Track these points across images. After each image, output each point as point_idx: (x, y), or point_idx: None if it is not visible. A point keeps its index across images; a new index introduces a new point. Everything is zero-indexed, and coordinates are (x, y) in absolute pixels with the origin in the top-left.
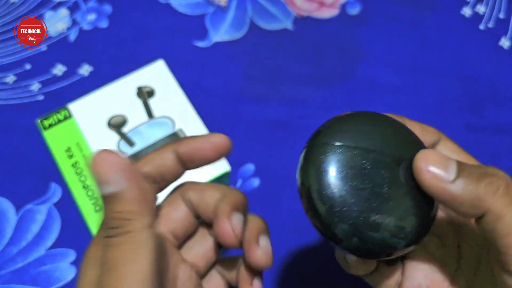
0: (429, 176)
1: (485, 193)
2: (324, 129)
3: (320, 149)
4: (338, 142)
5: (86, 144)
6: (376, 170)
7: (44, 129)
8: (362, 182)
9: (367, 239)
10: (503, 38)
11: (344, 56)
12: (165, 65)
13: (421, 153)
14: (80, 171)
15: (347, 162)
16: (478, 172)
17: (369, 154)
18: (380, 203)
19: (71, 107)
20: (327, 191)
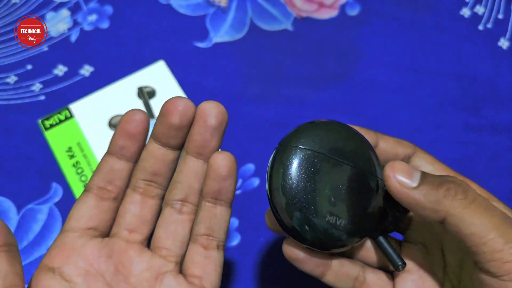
0: (396, 182)
1: (444, 198)
2: (293, 133)
3: (287, 151)
4: (302, 146)
5: (87, 144)
6: (332, 173)
7: (45, 129)
8: (319, 181)
9: (319, 230)
10: (502, 39)
11: (344, 57)
12: (165, 65)
13: (390, 163)
14: (81, 171)
15: (308, 164)
16: (438, 180)
17: (329, 159)
18: (331, 198)
19: (72, 107)
20: (289, 186)
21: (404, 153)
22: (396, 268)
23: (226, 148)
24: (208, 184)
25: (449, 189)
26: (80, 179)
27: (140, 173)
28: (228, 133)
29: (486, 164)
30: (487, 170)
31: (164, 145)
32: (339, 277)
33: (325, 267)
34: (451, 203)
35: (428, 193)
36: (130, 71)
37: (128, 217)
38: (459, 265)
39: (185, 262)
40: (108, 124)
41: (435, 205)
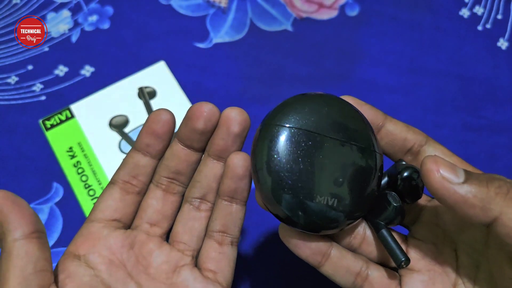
0: (439, 178)
1: (496, 196)
2: (278, 110)
3: (271, 130)
4: (288, 124)
5: (88, 144)
6: (321, 151)
7: (46, 130)
8: (307, 161)
9: (309, 211)
10: (501, 39)
11: (343, 57)
12: (166, 66)
13: (430, 157)
14: (82, 171)
15: (294, 143)
16: (485, 176)
17: (316, 136)
18: (322, 179)
19: (73, 107)
20: (274, 166)
21: (414, 140)
22: (399, 265)
23: None
24: (225, 183)
25: (501, 186)
26: (81, 179)
27: (164, 171)
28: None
29: (485, 163)
30: (486, 170)
31: (188, 146)
32: (338, 269)
33: (323, 257)
34: (505, 202)
35: (478, 190)
36: (131, 71)
37: (150, 211)
38: (475, 266)
39: (200, 256)
40: (109, 124)
41: (485, 204)
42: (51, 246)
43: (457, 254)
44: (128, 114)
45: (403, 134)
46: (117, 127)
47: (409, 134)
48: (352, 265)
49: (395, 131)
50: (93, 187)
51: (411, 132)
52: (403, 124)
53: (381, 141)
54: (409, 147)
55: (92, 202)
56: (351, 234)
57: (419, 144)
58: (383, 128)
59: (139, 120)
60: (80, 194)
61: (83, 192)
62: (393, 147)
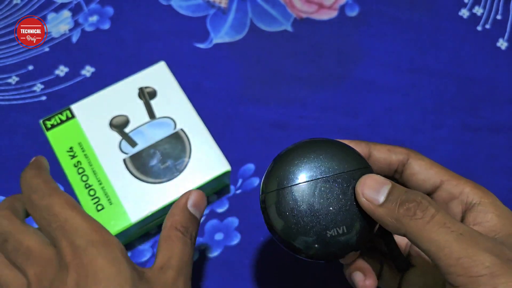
0: (363, 199)
1: (403, 217)
2: (272, 174)
3: (273, 196)
4: (284, 185)
5: (88, 144)
6: (319, 192)
7: (47, 130)
8: (311, 205)
9: (325, 245)
10: (500, 39)
11: (343, 57)
12: (166, 66)
13: (361, 179)
14: (82, 171)
15: (296, 198)
16: (402, 197)
17: (323, 181)
18: (328, 214)
19: (73, 107)
20: (287, 211)
21: (397, 160)
22: (401, 270)
23: (226, 148)
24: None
25: (409, 208)
26: (81, 179)
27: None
28: (229, 133)
29: (484, 164)
30: (485, 170)
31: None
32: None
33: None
34: (409, 223)
35: (390, 212)
36: (131, 71)
37: None
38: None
39: None
40: (109, 125)
41: (395, 223)
42: None
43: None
44: (129, 114)
45: (387, 158)
46: (117, 127)
47: (393, 156)
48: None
49: (380, 157)
50: (93, 187)
51: (392, 154)
52: (386, 148)
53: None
54: (394, 169)
55: (93, 202)
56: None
57: (402, 163)
58: (370, 158)
59: (139, 120)
60: (80, 194)
61: (84, 192)
62: (382, 172)
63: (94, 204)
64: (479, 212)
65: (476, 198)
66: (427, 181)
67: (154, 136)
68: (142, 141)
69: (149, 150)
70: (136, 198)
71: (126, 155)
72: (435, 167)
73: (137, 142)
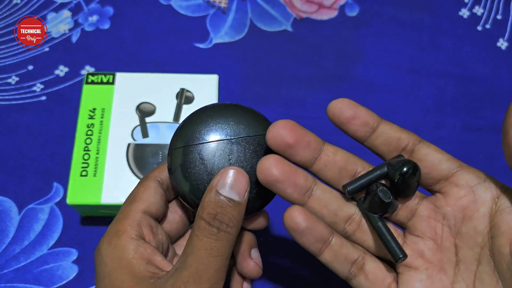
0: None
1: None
2: (178, 133)
3: (178, 153)
4: (203, 140)
5: (110, 114)
6: (234, 153)
7: (86, 83)
8: (206, 164)
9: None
10: (500, 39)
11: (343, 57)
12: (217, 81)
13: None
14: (90, 133)
15: (209, 151)
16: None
17: (230, 142)
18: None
19: (117, 75)
20: (192, 168)
21: (408, 139)
22: (396, 260)
23: None
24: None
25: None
26: (85, 141)
27: None
28: None
29: (484, 164)
30: (486, 170)
31: None
32: (338, 257)
33: (324, 244)
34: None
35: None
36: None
37: None
38: (477, 260)
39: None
40: (136, 106)
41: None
42: (51, 246)
43: (457, 249)
44: (158, 106)
45: (397, 134)
46: (142, 112)
47: (403, 134)
48: (351, 253)
49: (389, 131)
50: (90, 153)
51: (405, 132)
52: (397, 126)
53: (376, 140)
54: (403, 146)
55: (81, 165)
56: (346, 221)
57: (413, 143)
58: (378, 128)
59: (163, 117)
60: (76, 153)
61: (80, 152)
62: (387, 146)
63: (82, 168)
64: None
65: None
66: (443, 163)
67: (167, 138)
68: (154, 137)
69: (154, 148)
70: (117, 184)
71: (133, 142)
72: (446, 155)
73: (149, 135)
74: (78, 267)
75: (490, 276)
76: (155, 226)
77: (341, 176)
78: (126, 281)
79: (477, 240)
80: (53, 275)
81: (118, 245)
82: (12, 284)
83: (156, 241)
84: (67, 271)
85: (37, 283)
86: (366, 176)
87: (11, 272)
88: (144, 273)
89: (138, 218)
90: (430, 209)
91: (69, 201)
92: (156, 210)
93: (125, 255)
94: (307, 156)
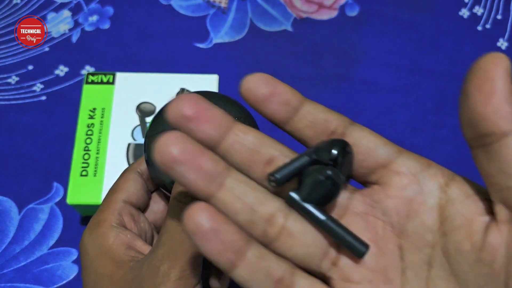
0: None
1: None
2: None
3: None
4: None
5: (110, 114)
6: None
7: (86, 83)
8: None
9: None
10: (501, 39)
11: (343, 57)
12: (217, 81)
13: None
14: (91, 133)
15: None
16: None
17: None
18: None
19: (118, 75)
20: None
21: (337, 121)
22: (361, 255)
23: None
24: None
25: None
26: (85, 141)
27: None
28: None
29: None
30: None
31: None
32: (257, 273)
33: (238, 255)
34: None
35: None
36: (131, 71)
37: None
38: (427, 263)
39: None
40: (136, 107)
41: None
42: (51, 246)
43: (402, 252)
44: (158, 106)
45: (325, 115)
46: (142, 112)
47: (332, 116)
48: (274, 268)
49: (315, 111)
50: (90, 153)
51: (333, 114)
52: (324, 107)
53: (300, 123)
54: (332, 129)
55: (81, 165)
56: (267, 220)
57: (344, 125)
58: (301, 109)
59: None
60: (76, 153)
61: (80, 152)
62: (313, 129)
63: (82, 167)
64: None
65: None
66: (380, 147)
67: None
68: None
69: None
70: None
71: (133, 142)
72: (379, 139)
73: None
74: (78, 267)
75: (446, 280)
76: (136, 214)
77: (252, 160)
78: (107, 266)
79: (427, 238)
80: (53, 275)
81: (99, 233)
82: (12, 284)
83: (138, 228)
84: (67, 271)
85: (37, 283)
86: (294, 163)
87: (11, 272)
88: (123, 257)
89: (118, 207)
90: (366, 204)
91: (69, 201)
92: (137, 199)
93: (105, 242)
94: (210, 133)
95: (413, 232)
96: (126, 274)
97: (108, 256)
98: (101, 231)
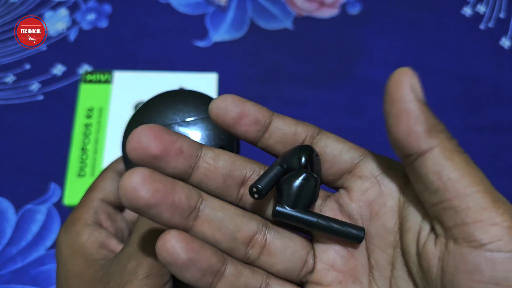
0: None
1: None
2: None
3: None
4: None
5: (107, 113)
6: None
7: (84, 82)
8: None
9: None
10: (503, 38)
11: (344, 56)
12: (216, 80)
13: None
14: (88, 133)
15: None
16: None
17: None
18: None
19: (115, 74)
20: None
21: (305, 132)
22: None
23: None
24: None
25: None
26: (83, 140)
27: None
28: None
29: (487, 163)
30: (489, 170)
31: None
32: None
33: (216, 276)
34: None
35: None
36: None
37: None
38: (390, 263)
39: None
40: (134, 106)
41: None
42: (49, 247)
43: (368, 253)
44: None
45: (292, 128)
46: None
47: (299, 127)
48: (251, 282)
49: (284, 126)
50: (88, 153)
51: (301, 125)
52: (292, 119)
53: (270, 140)
54: (301, 141)
55: (79, 165)
56: (247, 244)
57: (311, 135)
58: (271, 125)
59: None
60: (74, 153)
61: (78, 152)
62: (283, 144)
63: (80, 168)
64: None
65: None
66: (344, 153)
67: None
68: None
69: None
70: None
71: None
72: (348, 144)
73: None
74: None
75: (406, 281)
76: (113, 213)
77: (227, 185)
78: (78, 264)
79: (388, 239)
80: (51, 276)
81: (73, 231)
82: (10, 286)
83: (114, 227)
84: None
85: (35, 285)
86: (269, 174)
87: (8, 273)
88: (95, 256)
89: (95, 206)
90: (334, 209)
91: (67, 202)
92: (115, 198)
93: (78, 240)
94: (181, 167)
95: (376, 233)
96: (96, 273)
97: (80, 254)
98: (75, 229)
